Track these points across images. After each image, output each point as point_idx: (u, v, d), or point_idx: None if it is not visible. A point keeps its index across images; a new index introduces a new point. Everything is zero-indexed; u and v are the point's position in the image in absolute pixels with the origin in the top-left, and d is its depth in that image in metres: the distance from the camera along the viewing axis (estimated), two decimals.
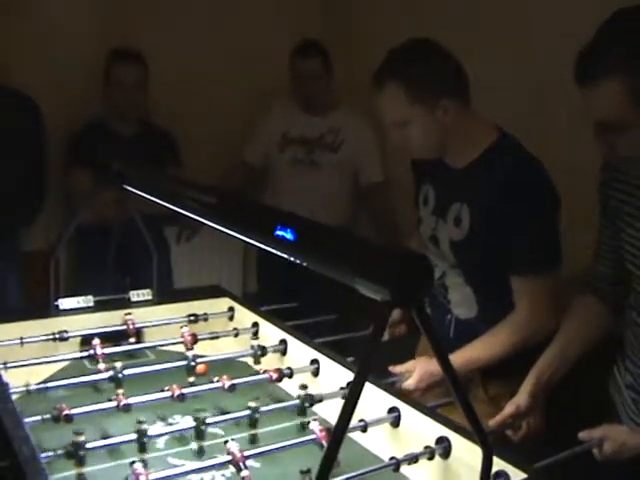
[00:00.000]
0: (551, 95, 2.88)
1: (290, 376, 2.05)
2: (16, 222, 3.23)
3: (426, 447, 1.65)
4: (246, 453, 1.54)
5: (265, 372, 2.06)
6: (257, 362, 2.19)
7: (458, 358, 1.96)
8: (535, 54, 3.00)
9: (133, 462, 1.44)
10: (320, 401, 1.90)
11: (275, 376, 2.03)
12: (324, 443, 1.62)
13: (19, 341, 2.12)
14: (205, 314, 2.42)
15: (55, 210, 3.49)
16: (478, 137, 2.05)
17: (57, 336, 2.18)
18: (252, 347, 2.20)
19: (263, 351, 2.19)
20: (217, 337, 2.31)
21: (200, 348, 2.25)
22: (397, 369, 2.10)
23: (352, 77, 3.70)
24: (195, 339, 2.23)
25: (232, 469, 1.56)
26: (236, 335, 2.35)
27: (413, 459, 1.62)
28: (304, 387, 1.91)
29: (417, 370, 2.05)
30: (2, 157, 3.06)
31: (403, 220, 3.29)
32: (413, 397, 2.01)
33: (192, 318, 2.40)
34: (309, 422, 1.68)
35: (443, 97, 1.98)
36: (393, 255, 1.02)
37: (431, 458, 1.65)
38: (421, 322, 1.05)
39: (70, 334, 2.20)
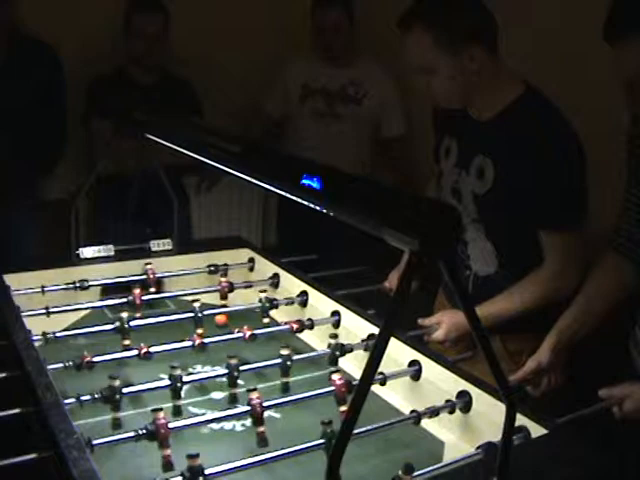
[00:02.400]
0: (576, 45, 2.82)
1: (311, 327, 2.05)
2: (36, 171, 3.22)
3: (447, 401, 1.65)
4: (266, 404, 1.54)
5: (286, 323, 2.06)
6: (264, 316, 2.17)
7: (483, 311, 1.94)
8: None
9: (155, 409, 1.44)
10: (351, 351, 1.90)
11: (296, 327, 2.03)
12: (342, 395, 1.61)
13: (40, 290, 2.13)
14: (225, 265, 2.42)
15: (75, 159, 3.48)
16: (505, 88, 2.01)
17: (78, 285, 2.19)
18: (260, 300, 2.18)
19: (271, 304, 2.18)
20: (240, 287, 2.31)
21: (219, 299, 2.26)
22: (425, 321, 2.10)
23: (374, 28, 3.65)
24: (232, 288, 2.24)
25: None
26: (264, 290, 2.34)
27: (434, 412, 1.61)
28: (335, 336, 1.91)
29: (445, 322, 2.05)
30: (22, 106, 3.04)
31: (422, 174, 3.25)
32: (442, 348, 2.01)
33: (212, 268, 2.40)
34: (332, 373, 1.67)
35: (471, 44, 1.93)
36: (422, 205, 1.00)
37: (452, 412, 1.65)
38: (449, 274, 1.03)
39: (91, 283, 2.21)
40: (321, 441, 1.41)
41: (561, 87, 2.16)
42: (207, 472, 1.29)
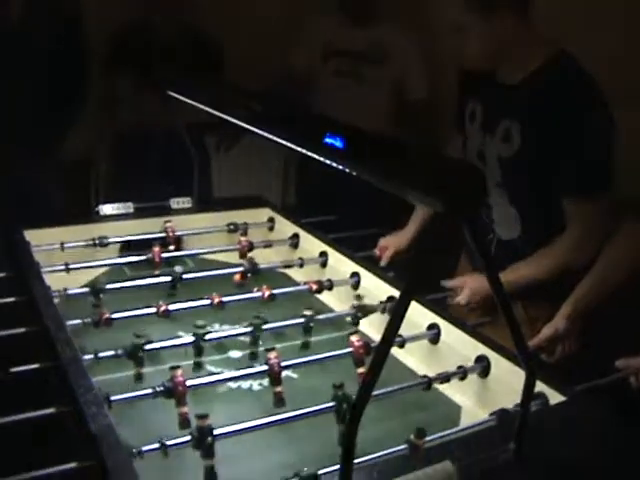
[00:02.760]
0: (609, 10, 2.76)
1: (330, 288, 2.04)
2: (57, 128, 3.21)
3: (459, 367, 1.65)
4: (283, 364, 1.54)
5: (305, 283, 2.05)
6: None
7: (506, 276, 1.92)
8: None
9: (173, 367, 1.45)
10: (373, 311, 1.89)
11: (315, 287, 2.02)
12: (360, 357, 1.61)
13: (60, 246, 2.13)
14: (245, 224, 2.41)
15: (96, 116, 3.46)
16: (534, 52, 1.96)
17: (97, 242, 2.18)
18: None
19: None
20: (262, 247, 2.31)
21: (237, 258, 2.25)
22: (449, 283, 2.08)
23: None
24: (251, 247, 2.24)
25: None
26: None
27: (445, 378, 1.61)
28: (359, 297, 1.90)
29: (468, 285, 2.03)
30: (42, 61, 3.02)
31: (445, 139, 3.22)
32: (462, 312, 2.00)
33: (232, 227, 2.39)
34: (350, 334, 1.67)
35: (501, 4, 1.90)
36: (447, 165, 0.98)
37: (463, 378, 1.64)
38: (472, 236, 1.01)
39: (110, 240, 2.21)
40: (332, 404, 1.41)
41: (593, 52, 2.12)
42: (216, 432, 1.29)
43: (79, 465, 1.17)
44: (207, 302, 1.87)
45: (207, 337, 1.69)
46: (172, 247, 2.28)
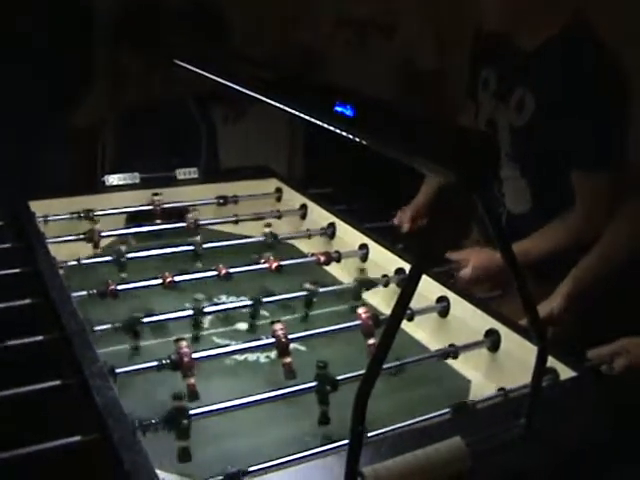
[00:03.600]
0: None
1: (338, 260, 2.02)
2: (64, 98, 3.19)
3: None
4: (290, 336, 1.52)
5: (313, 255, 2.03)
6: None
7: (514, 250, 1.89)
8: None
9: (178, 339, 1.43)
10: (376, 285, 1.87)
11: (323, 259, 2.00)
12: (370, 329, 1.59)
13: (64, 217, 2.11)
14: (235, 196, 2.38)
15: (104, 87, 3.43)
16: (551, 17, 1.92)
17: (100, 213, 2.16)
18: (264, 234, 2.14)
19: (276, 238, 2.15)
20: (263, 217, 2.28)
21: (246, 229, 2.23)
22: (453, 255, 2.05)
23: None
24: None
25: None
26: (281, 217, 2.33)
27: (452, 353, 1.59)
28: (362, 271, 1.88)
29: (473, 259, 2.00)
30: (49, 32, 2.99)
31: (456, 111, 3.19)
32: (468, 286, 1.97)
33: (236, 198, 2.36)
34: (357, 307, 1.64)
35: None
36: (460, 134, 0.95)
37: (479, 349, 1.62)
38: (485, 209, 0.99)
39: (115, 211, 2.19)
40: (313, 384, 1.39)
41: (613, 19, 2.08)
42: (192, 412, 1.27)
43: (83, 438, 1.16)
44: (214, 273, 1.85)
45: (206, 310, 1.67)
46: (158, 221, 2.25)
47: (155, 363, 1.40)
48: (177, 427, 1.25)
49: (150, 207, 2.27)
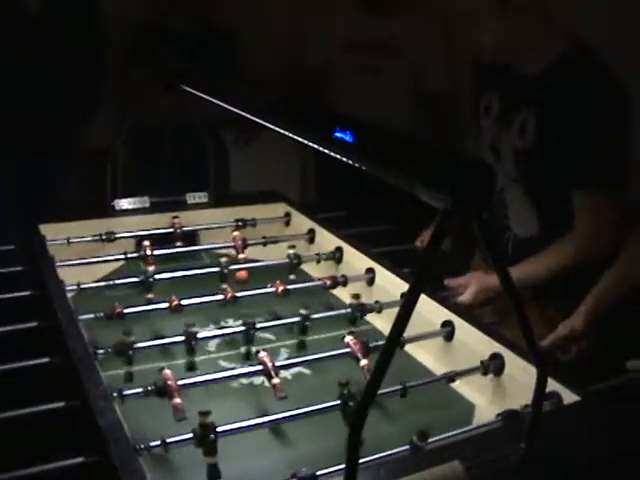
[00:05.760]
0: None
1: (344, 284, 2.03)
2: (75, 121, 3.22)
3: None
4: (277, 363, 1.54)
5: (319, 279, 2.04)
6: (291, 272, 2.16)
7: (514, 273, 1.89)
8: None
9: (162, 368, 1.44)
10: (371, 311, 1.88)
11: (329, 283, 2.01)
12: (359, 356, 1.59)
13: (75, 240, 2.13)
14: (254, 219, 2.39)
15: (114, 110, 3.47)
16: (552, 42, 1.93)
17: (111, 237, 2.18)
18: (288, 256, 2.17)
19: (300, 260, 2.17)
20: (273, 242, 2.29)
21: (254, 253, 2.24)
22: (452, 283, 2.05)
23: None
24: (245, 244, 2.21)
25: (284, 373, 1.57)
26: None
27: (449, 379, 1.60)
28: (356, 296, 1.88)
29: (472, 284, 1.99)
30: (60, 54, 3.03)
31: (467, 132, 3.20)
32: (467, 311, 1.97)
33: (242, 223, 2.37)
34: (344, 336, 1.65)
35: None
36: (455, 161, 0.96)
37: (484, 374, 1.62)
38: (482, 234, 1.00)
39: (124, 234, 2.20)
40: (337, 402, 1.41)
41: (611, 41, 2.08)
42: (219, 429, 1.28)
43: (86, 460, 1.17)
44: (221, 297, 1.87)
45: (199, 336, 1.69)
46: (179, 243, 2.27)
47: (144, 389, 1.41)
48: (204, 443, 1.26)
49: (170, 230, 2.30)
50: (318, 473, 1.18)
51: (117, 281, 1.95)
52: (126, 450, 1.16)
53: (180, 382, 1.42)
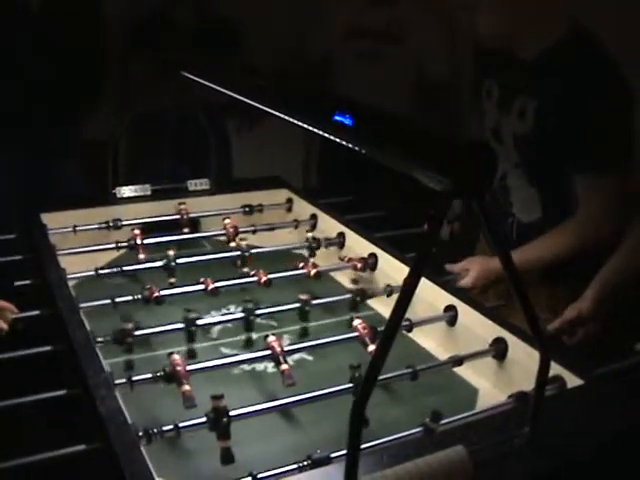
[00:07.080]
0: None
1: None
2: (76, 110, 3.21)
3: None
4: (286, 348, 1.53)
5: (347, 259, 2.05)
6: (312, 255, 2.16)
7: (516, 257, 1.88)
8: None
9: (171, 353, 1.44)
10: (372, 296, 1.87)
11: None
12: (367, 341, 1.59)
13: (76, 228, 2.13)
14: (260, 205, 2.39)
15: (115, 98, 3.45)
16: (551, 26, 1.91)
17: (112, 224, 2.17)
18: (307, 239, 2.18)
19: (318, 244, 2.17)
20: (273, 228, 2.29)
21: (256, 239, 2.23)
22: (454, 267, 2.04)
23: None
24: (236, 232, 2.22)
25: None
26: (296, 227, 2.35)
27: (457, 361, 1.59)
28: (355, 282, 1.87)
29: (474, 269, 1.99)
30: (61, 44, 3.01)
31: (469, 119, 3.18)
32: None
33: (247, 209, 2.37)
34: (352, 320, 1.65)
35: None
36: (455, 143, 0.95)
37: (494, 357, 1.61)
38: (482, 215, 0.99)
39: (126, 222, 2.20)
40: (349, 385, 1.40)
41: (614, 26, 2.07)
42: (232, 413, 1.28)
43: (87, 447, 1.17)
44: (200, 287, 1.86)
45: (199, 322, 1.68)
46: (186, 230, 2.27)
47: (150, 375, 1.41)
48: (218, 427, 1.26)
49: (177, 216, 2.30)
50: (332, 455, 1.18)
51: (124, 268, 1.96)
52: (127, 437, 1.16)
53: (188, 367, 1.42)
